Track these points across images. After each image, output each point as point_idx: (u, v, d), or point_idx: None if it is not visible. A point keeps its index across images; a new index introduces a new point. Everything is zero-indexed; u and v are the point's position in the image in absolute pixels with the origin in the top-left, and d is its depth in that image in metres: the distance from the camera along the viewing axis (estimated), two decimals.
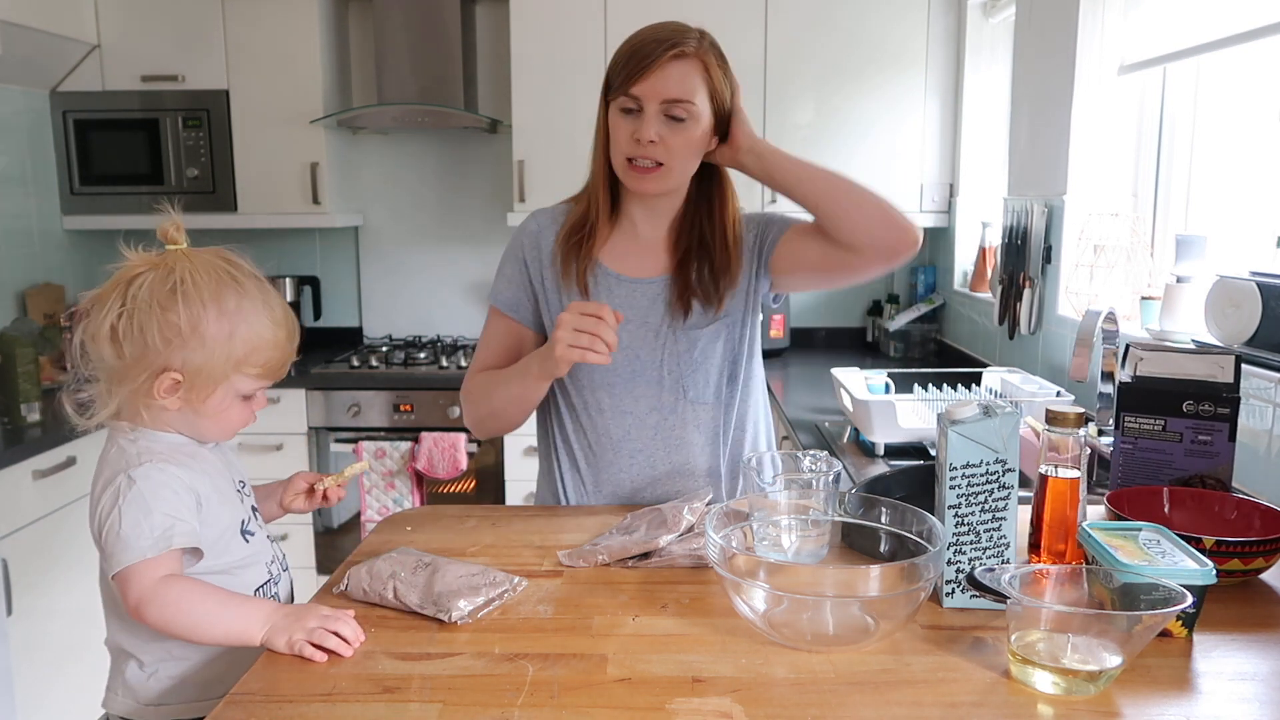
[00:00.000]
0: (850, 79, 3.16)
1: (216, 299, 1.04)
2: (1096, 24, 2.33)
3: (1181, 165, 2.26)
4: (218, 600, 1.02)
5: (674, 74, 1.32)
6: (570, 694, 0.87)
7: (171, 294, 1.03)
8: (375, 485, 3.11)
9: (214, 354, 1.05)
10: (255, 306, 1.08)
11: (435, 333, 3.70)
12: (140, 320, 1.02)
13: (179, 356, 1.04)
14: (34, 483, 2.34)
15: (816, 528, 1.15)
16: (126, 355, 1.04)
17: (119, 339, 1.03)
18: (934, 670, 0.91)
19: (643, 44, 1.33)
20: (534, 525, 1.34)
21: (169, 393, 1.06)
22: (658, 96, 1.32)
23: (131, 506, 1.01)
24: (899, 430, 2.03)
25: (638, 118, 1.33)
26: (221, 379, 1.07)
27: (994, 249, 2.96)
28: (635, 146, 1.33)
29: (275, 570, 1.17)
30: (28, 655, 2.32)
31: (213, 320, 1.04)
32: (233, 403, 1.10)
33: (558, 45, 3.14)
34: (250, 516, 1.17)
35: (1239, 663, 0.93)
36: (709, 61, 1.34)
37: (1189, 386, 1.31)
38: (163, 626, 1.01)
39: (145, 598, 1.00)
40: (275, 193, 3.28)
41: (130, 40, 3.20)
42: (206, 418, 1.10)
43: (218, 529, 1.09)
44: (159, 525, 1.01)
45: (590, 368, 1.41)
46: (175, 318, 1.03)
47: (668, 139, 1.33)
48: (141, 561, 1.00)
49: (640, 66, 1.31)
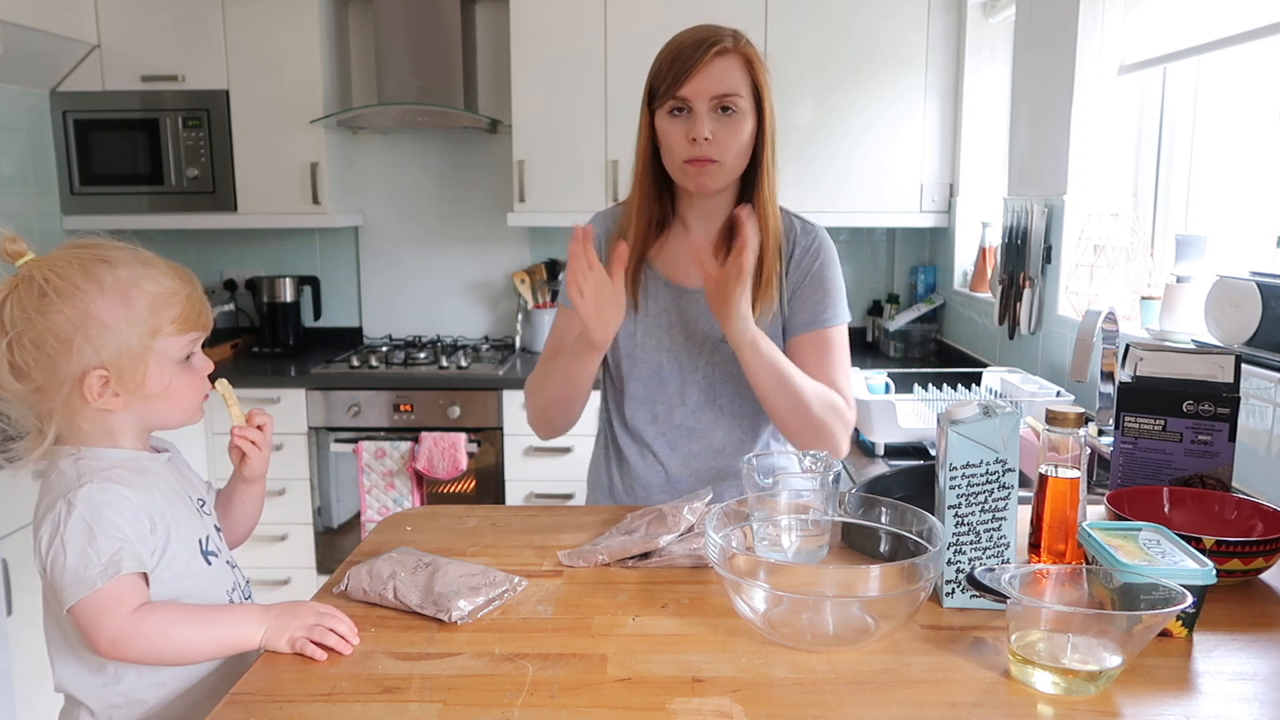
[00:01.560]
0: (850, 79, 3.16)
1: (90, 279, 0.97)
2: (1096, 24, 2.33)
3: (1181, 165, 2.26)
4: (202, 617, 0.98)
5: (718, 70, 1.35)
6: (570, 694, 0.87)
7: (43, 298, 0.95)
8: (375, 485, 3.11)
9: (121, 331, 0.97)
10: (133, 270, 1.00)
11: (435, 333, 3.70)
12: (29, 338, 0.95)
13: (89, 352, 0.97)
14: (34, 483, 2.33)
15: (816, 528, 1.15)
16: (37, 378, 0.97)
17: (20, 367, 0.96)
18: (934, 670, 0.91)
19: (682, 48, 1.37)
20: (534, 525, 1.34)
21: (102, 392, 0.99)
22: (706, 94, 1.35)
23: (74, 534, 0.95)
24: (899, 430, 2.03)
25: (688, 119, 1.36)
26: (145, 351, 0.99)
27: (994, 249, 2.96)
28: (691, 147, 1.36)
29: (236, 598, 1.10)
30: (27, 655, 2.32)
31: (98, 300, 0.97)
32: (174, 373, 1.03)
33: (558, 45, 3.14)
34: (211, 535, 1.10)
35: (1239, 663, 0.93)
36: (750, 54, 1.39)
37: (1189, 386, 1.30)
38: (151, 659, 0.97)
39: (121, 636, 0.94)
40: (275, 193, 3.28)
41: (130, 40, 3.20)
42: (156, 401, 1.02)
43: (172, 551, 1.02)
44: (105, 550, 0.94)
45: (630, 365, 1.49)
46: (60, 317, 0.95)
47: (719, 134, 1.36)
48: (103, 598, 0.93)
49: (686, 68, 1.35)
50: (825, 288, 1.47)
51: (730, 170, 1.40)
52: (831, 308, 1.47)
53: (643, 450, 1.52)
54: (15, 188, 3.15)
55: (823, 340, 1.46)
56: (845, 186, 3.21)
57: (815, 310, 1.46)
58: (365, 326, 3.72)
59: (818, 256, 1.47)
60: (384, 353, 3.35)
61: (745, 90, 1.38)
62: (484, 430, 3.10)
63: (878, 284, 3.67)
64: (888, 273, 3.67)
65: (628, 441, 1.54)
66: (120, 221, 3.22)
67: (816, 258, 1.47)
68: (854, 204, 3.22)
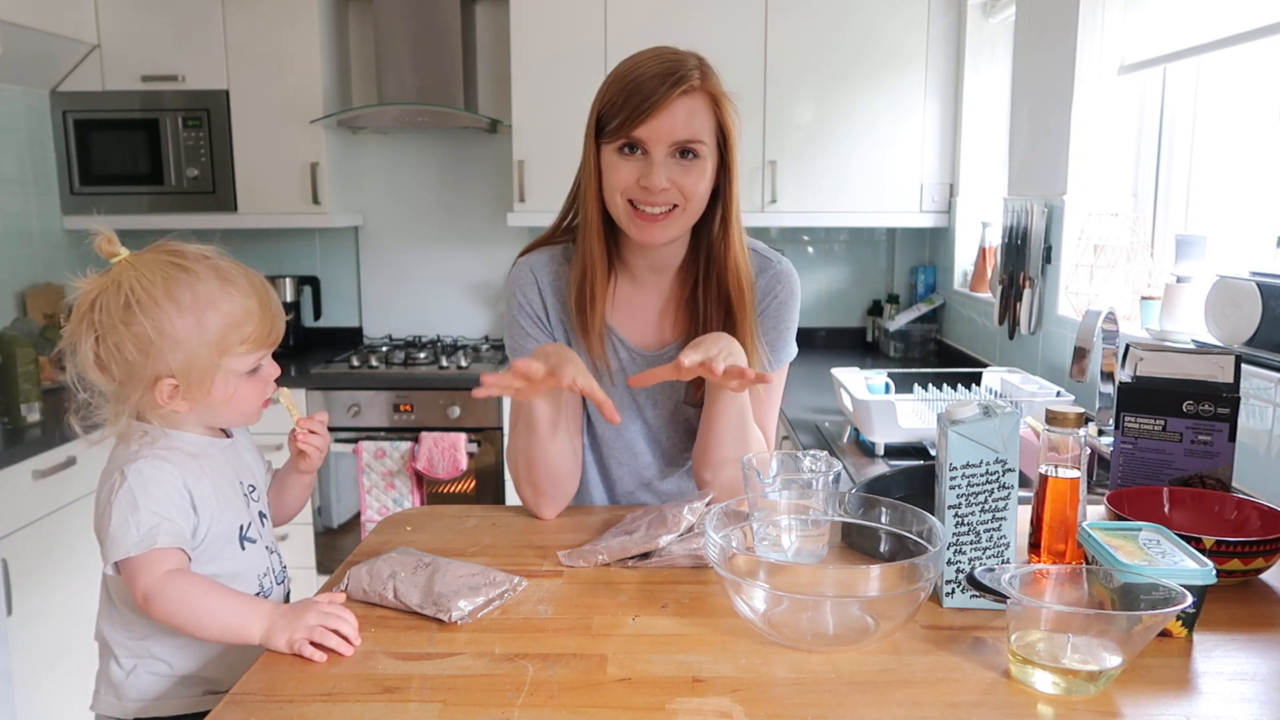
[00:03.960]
0: (850, 79, 3.16)
1: (170, 297, 1.04)
2: (1096, 24, 2.33)
3: (1181, 165, 2.26)
4: (220, 597, 1.02)
5: (681, 113, 1.20)
6: (570, 694, 0.87)
7: (127, 308, 1.03)
8: (375, 485, 3.11)
9: (192, 348, 1.04)
10: (212, 289, 1.06)
11: (435, 333, 3.70)
12: (114, 340, 1.03)
13: (162, 362, 1.04)
14: (34, 483, 2.34)
15: (816, 528, 1.15)
16: (117, 376, 1.05)
17: (105, 364, 1.05)
18: (934, 670, 0.91)
19: (641, 81, 1.20)
20: (534, 525, 1.34)
21: (171, 397, 1.07)
22: (667, 139, 1.20)
23: (120, 503, 1.02)
24: (899, 430, 2.03)
25: (642, 161, 1.22)
26: (212, 368, 1.06)
27: (994, 249, 2.96)
28: (643, 194, 1.22)
29: (268, 583, 1.16)
30: (27, 655, 2.32)
31: (175, 318, 1.04)
32: (238, 384, 1.10)
33: (558, 45, 3.14)
34: (254, 522, 1.16)
35: (1239, 663, 0.93)
36: (716, 92, 1.24)
37: (1189, 386, 1.30)
38: (167, 620, 1.02)
39: (151, 591, 1.01)
40: (275, 193, 3.28)
41: (130, 40, 3.20)
42: (218, 408, 1.10)
43: (213, 534, 1.09)
44: (145, 523, 1.02)
45: (599, 419, 1.40)
46: (140, 329, 1.03)
47: (679, 182, 1.22)
48: (142, 560, 1.01)
49: (644, 107, 1.19)
50: (779, 330, 1.38)
51: (687, 220, 1.27)
52: (781, 350, 1.39)
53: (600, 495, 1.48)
54: (15, 188, 3.15)
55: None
56: (845, 186, 3.21)
57: (763, 353, 1.36)
58: (365, 326, 3.72)
59: (775, 297, 1.37)
60: (384, 353, 3.35)
61: (709, 133, 1.23)
62: (484, 430, 3.10)
63: (878, 284, 3.67)
64: (888, 273, 3.67)
65: (589, 486, 1.47)
66: (120, 222, 3.22)
67: (774, 298, 1.37)
68: (854, 204, 3.23)
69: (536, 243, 1.42)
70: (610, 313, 1.38)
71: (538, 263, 1.38)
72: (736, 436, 1.32)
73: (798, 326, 1.43)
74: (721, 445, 1.32)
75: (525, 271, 1.38)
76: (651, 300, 1.39)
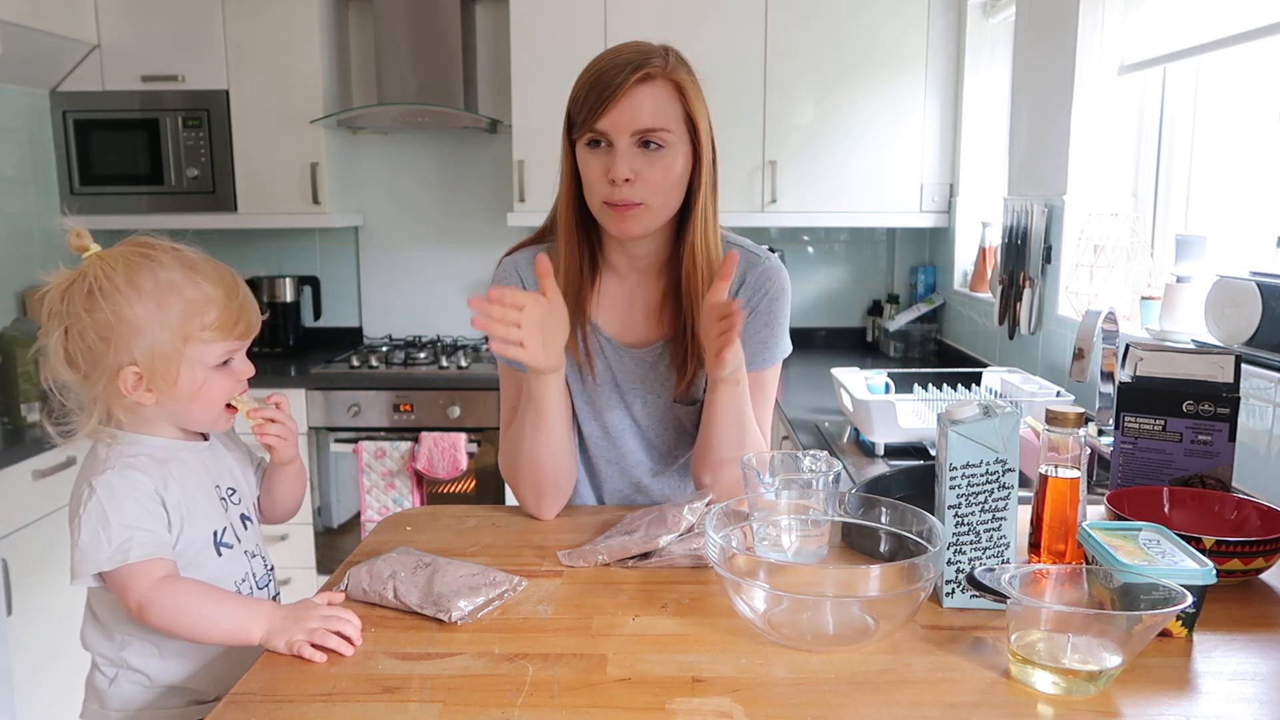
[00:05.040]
0: (850, 79, 3.16)
1: (131, 283, 1.03)
2: (1096, 24, 2.33)
3: (1181, 165, 2.26)
4: (216, 600, 1.02)
5: (643, 100, 1.20)
6: (570, 694, 0.87)
7: (90, 295, 1.02)
8: (375, 485, 3.11)
9: (154, 333, 1.03)
10: (175, 275, 1.05)
11: (435, 333, 3.70)
12: (77, 330, 1.03)
13: (125, 349, 1.03)
14: (34, 483, 2.34)
15: (816, 528, 1.15)
16: (82, 367, 1.05)
17: (72, 357, 1.04)
18: (934, 670, 0.91)
19: (603, 71, 1.20)
20: (534, 525, 1.34)
21: (135, 388, 1.05)
22: (627, 128, 1.20)
23: (90, 517, 1.01)
24: (899, 430, 2.03)
25: (608, 153, 1.21)
26: (176, 355, 1.05)
27: (994, 249, 2.96)
28: (610, 187, 1.22)
29: (246, 590, 1.13)
30: (27, 655, 2.32)
31: (135, 302, 1.03)
32: (206, 376, 1.08)
33: (558, 45, 3.14)
34: (232, 527, 1.14)
35: (1239, 663, 0.93)
36: (681, 80, 1.23)
37: (1189, 386, 1.30)
38: (165, 627, 1.01)
39: (145, 600, 1.00)
40: (275, 193, 3.28)
41: (130, 40, 3.20)
42: (185, 402, 1.08)
43: (183, 541, 1.07)
44: (116, 537, 1.00)
45: (590, 418, 1.40)
46: (101, 315, 1.02)
47: (644, 173, 1.21)
48: (137, 564, 1.00)
49: (604, 97, 1.19)
50: (770, 326, 1.36)
51: (658, 213, 1.25)
52: (774, 348, 1.37)
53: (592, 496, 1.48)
54: (15, 188, 3.15)
55: (758, 380, 1.36)
56: (845, 186, 3.22)
57: (756, 350, 1.35)
58: (365, 326, 3.72)
59: (765, 294, 1.36)
60: (384, 353, 3.35)
61: (675, 122, 1.22)
62: (484, 430, 3.10)
63: (878, 284, 3.67)
64: (888, 273, 3.67)
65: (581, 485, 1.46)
66: (120, 222, 3.22)
67: (765, 295, 1.36)
68: (854, 204, 3.23)
69: (523, 243, 1.42)
70: (595, 311, 1.38)
71: (522, 261, 1.38)
72: (736, 437, 1.32)
73: (796, 326, 1.42)
74: (722, 445, 1.32)
75: (510, 270, 1.38)
76: (637, 297, 1.39)
